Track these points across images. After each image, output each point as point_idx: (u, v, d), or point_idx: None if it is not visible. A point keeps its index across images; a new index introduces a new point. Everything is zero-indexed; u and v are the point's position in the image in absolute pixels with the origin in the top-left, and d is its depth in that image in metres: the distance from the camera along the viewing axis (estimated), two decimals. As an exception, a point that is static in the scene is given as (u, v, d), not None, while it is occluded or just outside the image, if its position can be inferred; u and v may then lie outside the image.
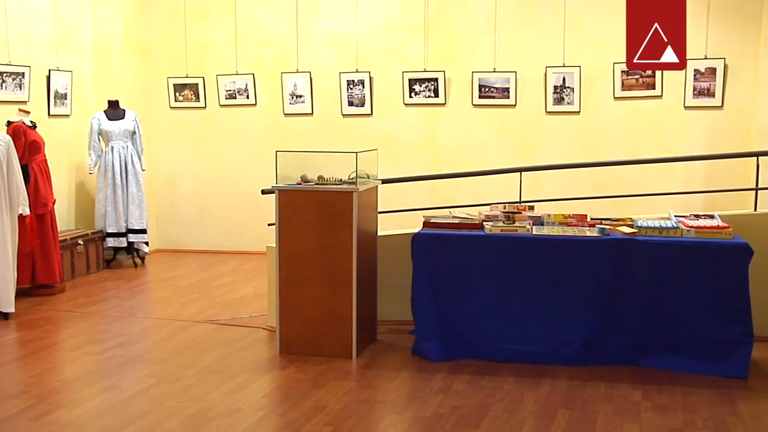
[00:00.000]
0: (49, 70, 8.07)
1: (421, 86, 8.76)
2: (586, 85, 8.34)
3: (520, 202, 6.31)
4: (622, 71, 8.14)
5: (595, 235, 5.17)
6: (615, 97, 8.31)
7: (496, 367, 5.15)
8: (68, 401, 4.60)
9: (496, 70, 8.53)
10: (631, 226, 5.29)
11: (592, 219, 5.50)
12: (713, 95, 8.00)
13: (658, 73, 8.05)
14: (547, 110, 8.52)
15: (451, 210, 5.90)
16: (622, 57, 8.00)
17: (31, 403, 4.54)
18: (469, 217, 5.57)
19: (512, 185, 6.93)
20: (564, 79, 8.38)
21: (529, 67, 8.50)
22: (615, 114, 8.36)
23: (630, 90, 8.24)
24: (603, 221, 5.47)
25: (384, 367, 5.20)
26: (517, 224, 5.34)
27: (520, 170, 6.96)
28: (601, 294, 5.13)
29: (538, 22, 8.46)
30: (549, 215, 5.48)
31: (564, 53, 8.27)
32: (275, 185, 5.47)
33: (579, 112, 8.43)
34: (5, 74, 7.45)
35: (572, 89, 8.37)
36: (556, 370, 5.09)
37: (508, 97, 8.55)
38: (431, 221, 5.50)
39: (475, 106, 8.68)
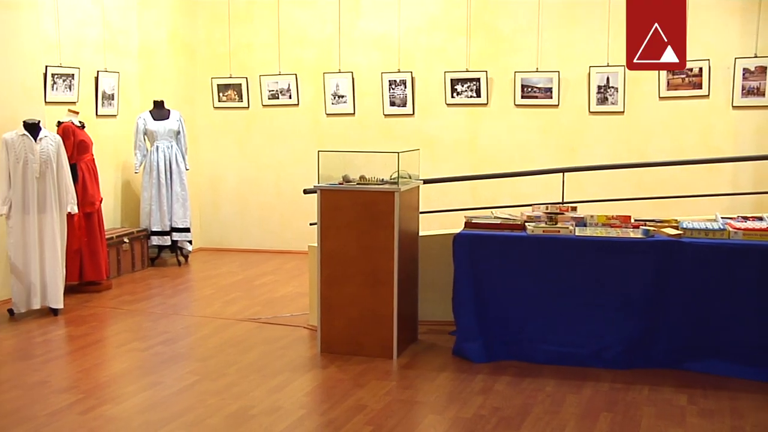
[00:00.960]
0: (98, 72, 8.23)
1: (463, 86, 8.73)
2: (630, 85, 8.23)
3: (562, 203, 6.26)
4: (668, 71, 7.99)
5: (639, 236, 5.10)
6: (660, 97, 8.18)
7: (538, 369, 5.11)
8: (114, 396, 4.70)
9: (539, 69, 8.46)
10: (676, 228, 5.20)
11: (636, 220, 5.43)
12: (763, 94, 7.82)
13: (705, 72, 7.91)
14: (591, 110, 8.42)
15: (493, 210, 5.87)
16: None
17: (79, 398, 4.64)
18: (511, 217, 5.54)
19: (555, 186, 6.87)
20: (608, 78, 8.28)
21: (572, 67, 8.42)
22: (660, 114, 8.23)
23: (676, 90, 8.11)
24: (647, 223, 5.40)
25: (425, 368, 5.20)
26: (559, 225, 5.30)
27: (563, 171, 6.91)
28: (645, 296, 5.06)
29: (582, 21, 8.37)
30: (592, 216, 5.43)
31: (608, 53, 8.15)
32: (317, 185, 5.50)
33: (623, 112, 8.32)
34: (56, 76, 7.62)
35: (616, 89, 8.27)
36: (598, 372, 5.03)
37: (551, 97, 8.48)
38: (473, 221, 5.48)
39: (518, 106, 8.62)
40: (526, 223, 5.39)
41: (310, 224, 6.16)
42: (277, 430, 4.16)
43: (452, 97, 8.80)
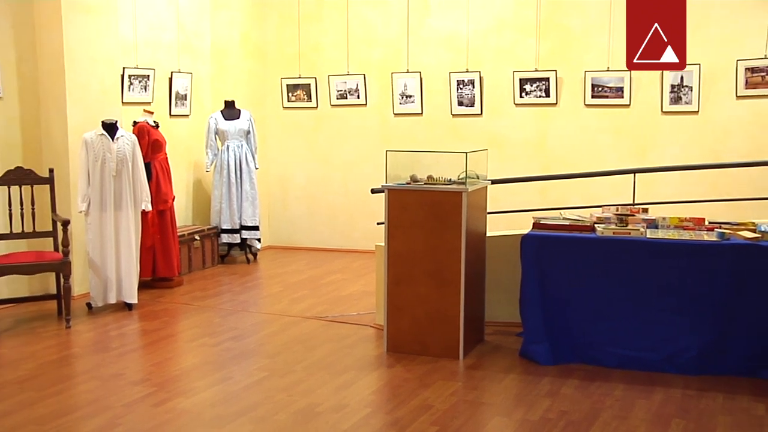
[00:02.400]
0: (171, 72, 8.45)
1: (532, 86, 8.64)
2: (705, 84, 8.00)
3: (633, 205, 6.14)
4: (746, 69, 7.75)
5: (714, 239, 4.96)
6: (737, 96, 7.92)
7: (606, 373, 5.03)
8: (185, 390, 4.81)
9: (610, 69, 8.30)
10: (753, 231, 5.05)
11: (710, 223, 5.29)
12: None
13: (786, 70, 7.65)
14: (663, 110, 8.22)
15: (562, 211, 5.80)
16: (747, 54, 7.72)
17: (152, 391, 4.77)
18: (580, 218, 5.47)
19: (625, 187, 6.75)
20: (682, 77, 8.07)
21: (644, 66, 8.23)
22: (737, 114, 7.97)
23: (755, 88, 7.83)
24: (722, 225, 5.25)
25: (491, 369, 5.17)
26: (630, 227, 5.20)
27: (634, 171, 6.79)
28: (719, 301, 4.92)
29: (656, 19, 8.18)
30: (664, 218, 5.31)
31: (683, 51, 7.95)
32: (385, 184, 5.52)
33: (697, 112, 8.10)
34: (133, 77, 7.86)
35: (690, 88, 8.05)
36: (669, 378, 4.92)
37: (622, 97, 8.32)
38: (541, 222, 5.43)
39: (588, 106, 8.49)
40: (596, 225, 5.31)
41: (378, 224, 6.19)
42: (343, 428, 4.20)
43: (521, 96, 8.71)
